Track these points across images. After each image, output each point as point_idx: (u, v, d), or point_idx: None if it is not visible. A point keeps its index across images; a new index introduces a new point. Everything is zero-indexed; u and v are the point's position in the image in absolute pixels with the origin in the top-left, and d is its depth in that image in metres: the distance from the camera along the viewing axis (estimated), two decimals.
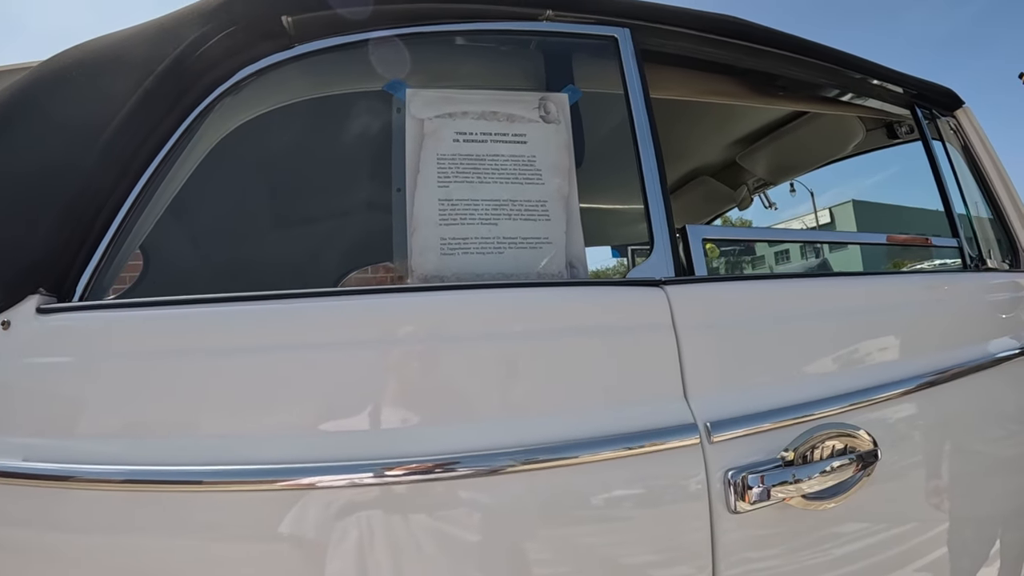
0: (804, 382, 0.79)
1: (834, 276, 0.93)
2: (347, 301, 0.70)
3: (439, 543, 0.60)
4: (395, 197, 0.76)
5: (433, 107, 0.80)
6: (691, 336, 0.72)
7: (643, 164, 0.83)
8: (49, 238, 0.68)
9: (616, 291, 0.75)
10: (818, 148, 1.63)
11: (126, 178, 0.74)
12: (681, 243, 0.84)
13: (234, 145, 0.95)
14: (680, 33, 0.95)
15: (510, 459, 0.61)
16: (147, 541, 0.58)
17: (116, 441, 0.61)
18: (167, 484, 0.58)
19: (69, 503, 0.58)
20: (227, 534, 0.58)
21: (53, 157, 0.72)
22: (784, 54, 1.06)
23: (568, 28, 0.89)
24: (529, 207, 0.78)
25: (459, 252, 0.75)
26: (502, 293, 0.72)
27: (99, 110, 0.75)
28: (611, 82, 0.91)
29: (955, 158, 1.28)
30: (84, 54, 0.82)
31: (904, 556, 0.80)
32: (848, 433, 0.76)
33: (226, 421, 0.62)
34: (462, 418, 0.64)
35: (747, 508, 0.68)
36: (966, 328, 1.02)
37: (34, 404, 0.63)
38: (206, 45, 0.78)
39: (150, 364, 0.63)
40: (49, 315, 0.65)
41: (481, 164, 0.78)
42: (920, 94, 1.25)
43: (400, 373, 0.65)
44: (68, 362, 0.64)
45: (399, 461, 0.59)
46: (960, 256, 1.18)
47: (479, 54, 0.94)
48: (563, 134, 0.83)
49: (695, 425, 0.68)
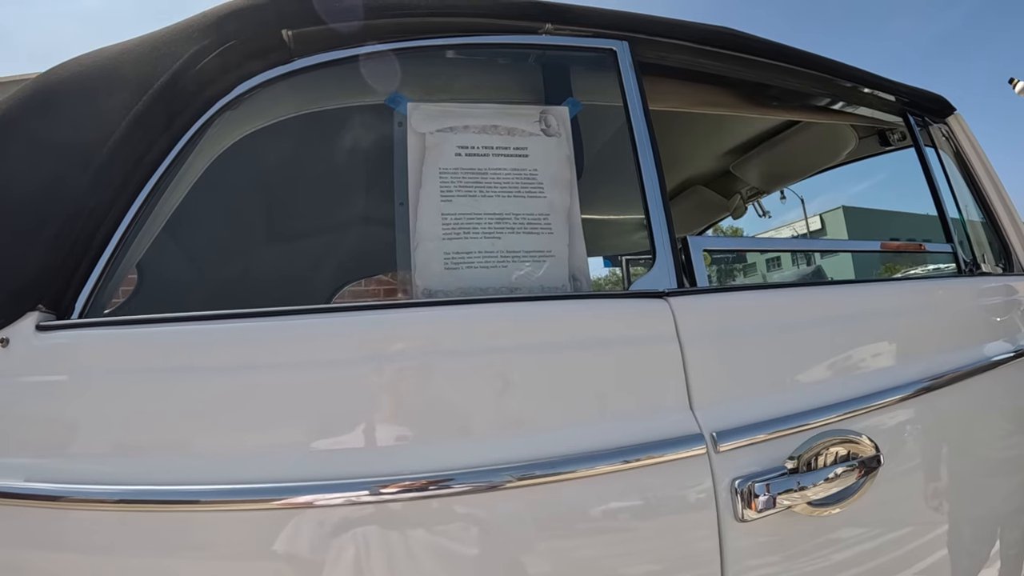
0: (806, 389, 0.79)
1: (834, 284, 0.94)
2: (348, 317, 0.70)
3: (449, 558, 0.60)
4: (398, 211, 0.77)
5: (434, 121, 0.80)
6: (695, 347, 0.73)
7: (644, 176, 0.83)
8: (48, 254, 0.67)
9: (620, 303, 0.76)
10: (811, 156, 1.64)
11: (125, 193, 0.74)
12: (683, 254, 0.84)
13: (231, 160, 0.94)
14: (677, 45, 0.96)
15: (513, 474, 0.61)
16: (147, 561, 0.57)
17: (115, 460, 0.60)
18: (164, 504, 0.57)
19: (70, 524, 0.58)
20: (224, 553, 0.58)
21: (50, 173, 0.71)
22: (778, 64, 1.07)
23: (567, 41, 0.90)
24: (531, 220, 0.78)
25: (462, 266, 0.75)
26: (506, 307, 0.72)
27: (96, 126, 0.74)
28: (610, 94, 0.91)
29: (947, 164, 1.29)
30: (79, 68, 0.82)
31: (907, 558, 0.81)
32: (851, 439, 0.76)
33: (226, 439, 0.61)
34: (465, 434, 0.64)
35: (754, 516, 0.68)
36: (963, 332, 1.03)
37: (34, 423, 0.62)
38: (205, 59, 0.78)
39: (151, 381, 0.63)
40: (49, 332, 0.65)
41: (483, 178, 0.79)
42: (912, 101, 1.27)
43: (402, 389, 0.65)
44: (68, 380, 0.63)
45: (402, 478, 0.59)
46: (955, 261, 1.19)
47: (479, 68, 0.94)
48: (564, 147, 0.83)
49: (701, 435, 0.68)
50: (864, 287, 0.96)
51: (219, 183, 1.01)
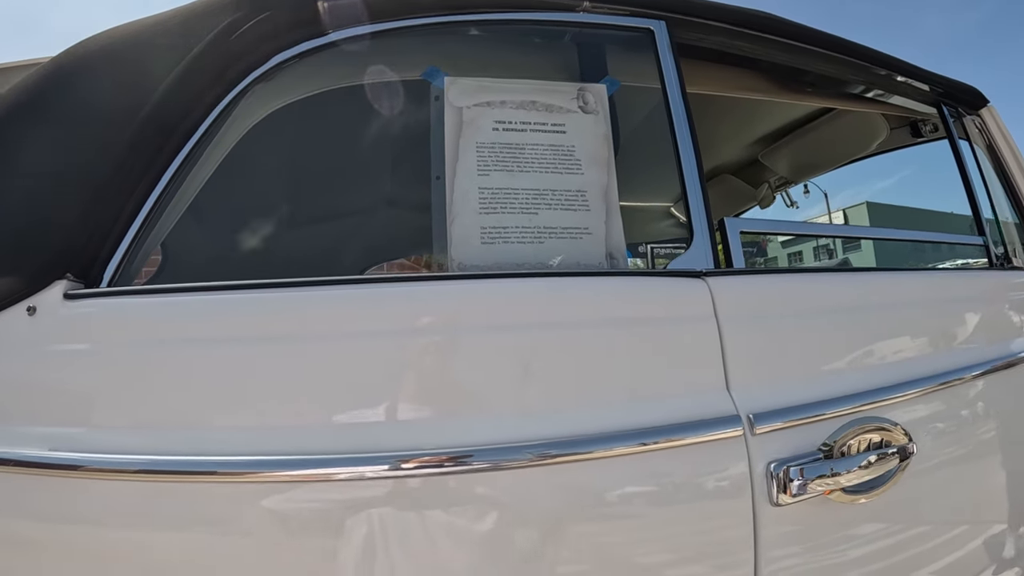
0: (841, 375, 0.78)
1: (868, 272, 0.93)
2: (383, 289, 0.69)
3: (486, 531, 0.60)
4: (434, 185, 0.76)
5: (471, 96, 0.79)
6: (733, 327, 0.72)
7: (681, 156, 0.82)
8: (78, 223, 0.67)
9: (658, 282, 0.75)
10: (841, 146, 1.62)
11: (156, 164, 0.73)
12: (720, 236, 0.83)
13: (261, 134, 0.94)
14: (715, 27, 0.95)
15: (543, 452, 0.61)
16: (167, 534, 0.57)
17: (140, 430, 0.60)
18: (183, 475, 0.57)
19: (93, 494, 0.57)
20: (243, 526, 0.57)
21: (82, 143, 0.71)
22: (814, 50, 1.05)
23: (605, 20, 0.89)
24: (569, 197, 0.78)
25: (499, 241, 0.74)
26: (542, 282, 0.71)
27: (129, 96, 0.74)
28: (645, 75, 0.90)
29: (980, 157, 1.27)
30: (111, 40, 0.81)
31: (939, 549, 0.80)
32: (884, 427, 0.75)
33: (253, 411, 0.61)
34: (501, 410, 0.64)
35: (788, 501, 0.67)
36: (995, 325, 1.02)
37: (60, 392, 0.61)
38: (239, 31, 0.77)
39: (178, 351, 0.62)
40: (77, 301, 0.64)
41: (521, 153, 0.78)
42: (946, 92, 1.25)
43: (435, 363, 0.65)
44: (96, 348, 0.63)
45: (443, 452, 0.59)
46: (986, 255, 1.17)
47: (514, 45, 0.93)
48: (602, 125, 0.82)
49: (738, 416, 0.68)
50: (899, 276, 0.95)
51: (248, 158, 1.01)
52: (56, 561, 0.58)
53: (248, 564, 0.57)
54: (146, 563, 0.57)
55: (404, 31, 0.84)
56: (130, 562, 0.57)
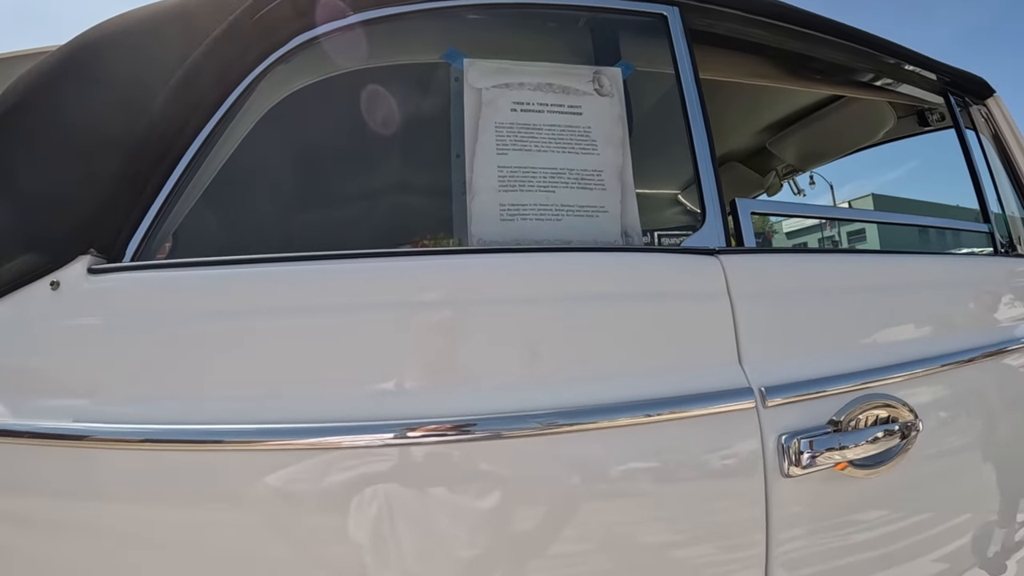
0: (849, 352, 0.80)
1: (877, 254, 0.95)
2: (405, 262, 0.70)
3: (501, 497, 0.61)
4: (454, 163, 0.78)
5: (490, 77, 0.81)
6: (745, 303, 0.74)
7: (695, 139, 0.84)
8: (101, 198, 0.67)
9: (673, 258, 0.77)
10: (849, 134, 1.64)
11: (179, 141, 0.74)
12: (731, 216, 0.85)
13: (281, 115, 0.95)
14: (727, 13, 0.96)
15: (557, 421, 0.62)
16: (179, 507, 0.58)
17: (163, 402, 0.60)
18: (189, 444, 0.57)
19: (117, 465, 0.58)
20: (258, 494, 0.58)
21: (104, 120, 0.72)
22: (824, 37, 1.07)
23: (619, 4, 0.90)
24: (585, 176, 0.79)
25: (518, 218, 0.76)
26: (560, 257, 0.73)
27: (151, 75, 0.75)
28: (657, 62, 0.92)
29: (986, 146, 1.29)
30: (132, 21, 0.82)
31: (945, 525, 0.82)
32: (890, 404, 0.77)
33: (274, 380, 0.61)
34: (519, 381, 0.65)
35: (799, 473, 0.69)
36: (1000, 310, 1.04)
37: (83, 365, 0.61)
38: (262, 11, 0.78)
39: (203, 324, 0.63)
40: (100, 275, 0.64)
41: (538, 133, 0.80)
42: (953, 81, 1.26)
43: (459, 335, 0.66)
44: (120, 322, 0.63)
45: (461, 420, 0.60)
46: (991, 242, 1.19)
47: (530, 29, 0.95)
48: (617, 107, 0.84)
49: (750, 389, 0.69)
50: (906, 258, 0.96)
51: (268, 139, 1.02)
52: (88, 536, 0.58)
53: (255, 529, 0.58)
54: (195, 533, 0.58)
55: (422, 14, 0.85)
56: (179, 534, 0.58)
